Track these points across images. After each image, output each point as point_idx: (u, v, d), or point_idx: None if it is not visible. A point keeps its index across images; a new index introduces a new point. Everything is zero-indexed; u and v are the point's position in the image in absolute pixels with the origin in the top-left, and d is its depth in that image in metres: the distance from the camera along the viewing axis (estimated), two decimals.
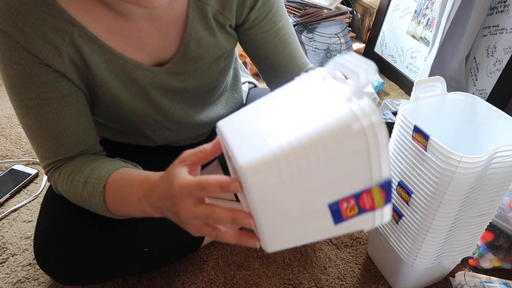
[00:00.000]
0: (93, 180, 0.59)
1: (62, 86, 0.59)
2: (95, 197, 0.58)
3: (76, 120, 0.61)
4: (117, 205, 0.58)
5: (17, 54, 0.54)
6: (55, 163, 0.63)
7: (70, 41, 0.56)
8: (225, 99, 0.87)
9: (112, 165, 0.61)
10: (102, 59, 0.60)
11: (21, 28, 0.52)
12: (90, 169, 0.60)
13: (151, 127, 0.76)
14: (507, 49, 1.35)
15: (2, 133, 1.24)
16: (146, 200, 0.52)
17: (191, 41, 0.65)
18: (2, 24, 0.52)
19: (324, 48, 1.85)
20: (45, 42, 0.54)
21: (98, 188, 0.58)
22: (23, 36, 0.53)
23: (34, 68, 0.56)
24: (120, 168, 0.60)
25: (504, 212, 0.84)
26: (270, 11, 0.69)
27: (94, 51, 0.59)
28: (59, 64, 0.57)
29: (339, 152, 0.37)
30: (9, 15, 0.52)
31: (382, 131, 0.36)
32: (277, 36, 0.72)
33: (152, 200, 0.51)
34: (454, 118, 0.78)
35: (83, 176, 0.60)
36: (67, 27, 0.55)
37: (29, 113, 0.59)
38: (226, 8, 0.65)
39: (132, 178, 0.56)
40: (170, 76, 0.67)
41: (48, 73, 0.57)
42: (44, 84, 0.57)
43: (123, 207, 0.57)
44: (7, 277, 0.81)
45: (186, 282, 0.83)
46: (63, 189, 0.62)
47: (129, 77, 0.64)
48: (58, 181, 0.63)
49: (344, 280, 0.88)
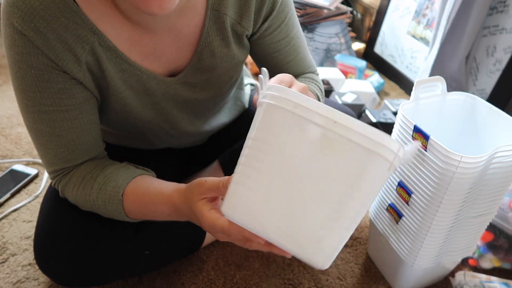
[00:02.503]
0: (110, 188, 0.59)
1: (78, 94, 0.58)
2: (112, 204, 0.60)
3: (88, 128, 0.61)
4: (140, 215, 0.62)
5: (36, 59, 0.53)
6: (63, 169, 0.62)
7: (90, 49, 0.56)
8: (229, 107, 0.87)
9: (127, 172, 0.62)
10: (118, 68, 0.60)
11: (43, 34, 0.51)
12: (104, 176, 0.60)
13: (156, 134, 0.76)
14: (507, 49, 1.35)
15: (2, 133, 1.24)
16: (177, 216, 0.57)
17: (204, 51, 0.64)
18: (23, 27, 0.50)
19: (324, 48, 1.85)
20: (66, 50, 0.54)
21: (116, 197, 0.59)
22: (44, 42, 0.52)
23: (52, 74, 0.55)
24: (136, 177, 0.62)
25: (504, 212, 0.84)
26: (283, 21, 0.69)
27: (112, 61, 0.58)
28: (77, 72, 0.56)
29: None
30: (31, 19, 0.50)
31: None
32: (289, 45, 0.72)
33: (181, 217, 0.57)
34: (454, 118, 0.78)
35: (96, 183, 0.60)
36: (89, 35, 0.55)
37: (42, 119, 0.58)
38: (244, 18, 0.64)
39: (154, 196, 0.59)
40: (183, 87, 0.67)
41: (65, 80, 0.56)
42: (61, 90, 0.56)
43: (149, 218, 0.62)
44: (7, 277, 0.81)
45: (186, 282, 0.83)
46: (73, 195, 0.62)
47: (142, 87, 0.64)
48: (68, 187, 0.62)
49: (344, 280, 0.88)
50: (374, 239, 0.89)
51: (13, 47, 0.52)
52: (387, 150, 0.39)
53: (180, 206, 0.55)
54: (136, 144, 0.82)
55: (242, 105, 0.92)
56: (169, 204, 0.56)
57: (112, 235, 0.68)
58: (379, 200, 0.81)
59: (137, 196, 0.59)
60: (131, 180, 0.60)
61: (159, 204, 0.58)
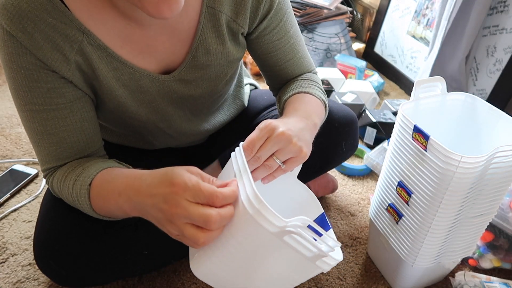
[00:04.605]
0: (81, 178, 0.58)
1: (68, 92, 0.59)
2: (81, 195, 0.58)
3: (80, 126, 0.61)
4: (100, 202, 0.56)
5: (24, 59, 0.54)
6: (55, 167, 0.63)
7: (79, 49, 0.56)
8: (228, 105, 0.87)
9: (102, 164, 0.60)
10: (110, 67, 0.60)
11: (30, 34, 0.52)
12: (81, 169, 0.60)
13: (153, 133, 0.76)
14: (507, 49, 1.35)
15: (2, 133, 1.24)
16: (126, 194, 0.51)
17: (199, 48, 0.64)
18: (12, 28, 0.52)
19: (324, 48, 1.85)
20: (54, 49, 0.54)
21: (84, 185, 0.57)
22: (32, 42, 0.53)
23: (41, 74, 0.55)
24: (110, 167, 0.59)
25: (504, 212, 0.84)
26: (281, 20, 0.69)
27: (103, 60, 0.59)
28: (66, 71, 0.57)
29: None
30: (19, 20, 0.51)
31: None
32: (287, 44, 0.72)
33: (133, 194, 0.50)
34: (454, 118, 0.78)
35: (74, 175, 0.59)
36: (77, 34, 0.55)
37: (34, 118, 0.58)
38: (240, 16, 0.65)
39: (119, 174, 0.56)
40: (177, 84, 0.67)
41: (55, 79, 0.57)
42: (51, 89, 0.57)
43: (104, 203, 0.56)
44: (7, 277, 0.81)
45: (186, 282, 0.83)
46: (58, 189, 0.62)
47: (136, 85, 0.64)
48: (54, 182, 0.63)
49: (344, 280, 0.88)
50: (374, 239, 0.89)
51: (3, 48, 0.54)
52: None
53: (145, 176, 0.50)
54: (135, 143, 0.82)
55: (242, 103, 0.91)
56: (131, 177, 0.52)
57: (111, 234, 0.68)
58: (379, 200, 0.81)
59: (103, 180, 0.56)
60: (102, 169, 0.58)
61: (118, 179, 0.54)
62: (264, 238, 0.45)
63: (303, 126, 0.59)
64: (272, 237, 0.45)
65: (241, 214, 0.45)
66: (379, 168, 1.19)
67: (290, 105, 0.68)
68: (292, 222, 0.44)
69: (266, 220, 0.44)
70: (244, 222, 0.45)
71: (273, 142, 0.53)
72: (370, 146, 1.36)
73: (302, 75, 0.77)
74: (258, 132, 0.54)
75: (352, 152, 0.89)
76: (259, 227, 0.44)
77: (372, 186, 1.18)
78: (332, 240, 0.47)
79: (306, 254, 0.47)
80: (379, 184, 0.82)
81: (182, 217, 0.45)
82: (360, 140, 1.39)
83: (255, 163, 0.54)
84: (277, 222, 0.44)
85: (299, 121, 0.60)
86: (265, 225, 0.44)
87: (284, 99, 0.71)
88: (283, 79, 0.78)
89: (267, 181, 0.56)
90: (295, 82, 0.74)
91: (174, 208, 0.45)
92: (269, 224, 0.44)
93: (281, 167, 0.55)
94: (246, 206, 0.45)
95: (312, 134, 0.63)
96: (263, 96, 0.95)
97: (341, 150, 0.84)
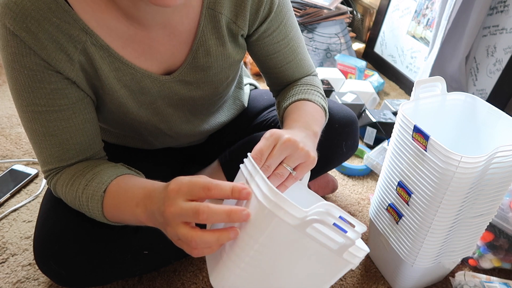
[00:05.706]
0: (94, 184, 0.58)
1: (71, 94, 0.58)
2: (93, 200, 0.58)
3: (82, 127, 0.61)
4: (114, 210, 0.57)
5: (28, 60, 0.53)
6: (57, 168, 0.62)
7: (83, 49, 0.56)
8: (228, 106, 0.88)
9: (115, 170, 0.60)
10: (112, 67, 0.60)
11: (34, 34, 0.52)
12: (92, 174, 0.60)
13: (153, 134, 0.76)
14: (507, 49, 1.35)
15: (2, 133, 1.24)
16: (144, 204, 0.51)
17: (199, 49, 0.64)
18: (15, 28, 0.51)
19: (324, 48, 1.85)
20: (58, 49, 0.54)
21: (98, 192, 0.57)
22: (36, 42, 0.52)
23: (45, 75, 0.55)
24: (124, 175, 0.60)
25: (504, 212, 0.84)
26: (281, 22, 0.69)
27: (105, 60, 0.58)
28: (70, 72, 0.56)
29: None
30: (23, 20, 0.51)
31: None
32: (287, 46, 0.73)
33: (149, 203, 0.51)
34: (454, 118, 0.78)
35: (84, 179, 0.59)
36: (81, 35, 0.55)
37: (36, 119, 0.58)
38: (240, 17, 0.65)
39: (137, 184, 0.56)
40: (178, 85, 0.67)
41: (58, 80, 0.56)
42: (54, 90, 0.57)
43: (119, 212, 0.56)
44: (7, 277, 0.81)
45: (186, 282, 0.83)
46: (63, 192, 0.62)
47: (137, 86, 0.64)
48: (58, 184, 0.62)
49: (344, 280, 0.88)
50: (374, 239, 0.89)
51: (6, 47, 0.53)
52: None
53: (157, 186, 0.51)
54: (135, 144, 0.82)
55: (242, 104, 0.92)
56: (148, 187, 0.53)
57: (111, 235, 0.68)
58: (379, 200, 0.81)
59: (119, 188, 0.57)
60: (116, 176, 0.59)
61: (136, 189, 0.54)
62: (287, 233, 0.44)
63: (305, 135, 0.60)
64: (294, 232, 0.43)
65: (259, 212, 0.44)
66: (379, 168, 1.19)
67: (289, 117, 0.67)
68: (313, 210, 0.42)
69: (286, 213, 0.42)
70: (263, 220, 0.44)
71: (281, 149, 0.53)
72: (370, 146, 1.36)
73: (302, 78, 0.77)
74: (264, 141, 0.54)
75: (352, 153, 0.89)
76: (280, 221, 0.42)
77: (372, 186, 1.18)
78: (358, 223, 0.43)
79: (332, 246, 0.45)
80: (379, 184, 0.82)
81: (176, 216, 0.45)
82: (360, 140, 1.39)
83: (265, 172, 0.52)
84: (298, 214, 0.43)
85: (300, 131, 0.61)
86: (285, 219, 0.42)
87: (283, 106, 0.71)
88: (283, 81, 0.78)
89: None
90: (294, 87, 0.74)
91: (169, 208, 0.45)
92: (289, 216, 0.42)
93: (292, 175, 0.54)
94: (262, 202, 0.43)
95: (314, 143, 0.63)
96: (263, 96, 0.95)
97: (341, 151, 0.84)
